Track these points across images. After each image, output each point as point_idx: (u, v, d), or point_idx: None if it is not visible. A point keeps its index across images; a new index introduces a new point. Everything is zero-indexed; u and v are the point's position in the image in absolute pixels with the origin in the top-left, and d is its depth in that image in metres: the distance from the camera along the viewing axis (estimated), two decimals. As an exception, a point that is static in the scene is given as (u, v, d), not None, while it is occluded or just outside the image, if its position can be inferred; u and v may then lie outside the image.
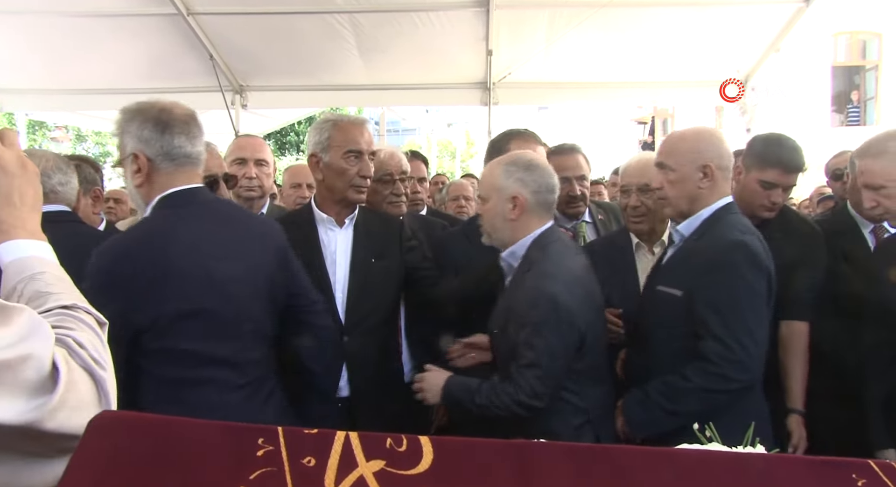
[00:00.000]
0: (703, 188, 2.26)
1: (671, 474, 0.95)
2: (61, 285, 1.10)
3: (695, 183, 2.25)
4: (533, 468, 0.93)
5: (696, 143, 2.29)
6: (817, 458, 0.97)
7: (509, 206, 2.28)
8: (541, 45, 6.19)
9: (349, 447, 0.91)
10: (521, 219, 2.28)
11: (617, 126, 22.44)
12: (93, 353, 1.00)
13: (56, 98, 7.19)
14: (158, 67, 6.58)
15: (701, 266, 2.18)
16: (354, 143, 2.51)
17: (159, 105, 1.96)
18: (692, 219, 2.29)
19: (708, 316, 2.11)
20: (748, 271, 2.10)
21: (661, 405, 2.16)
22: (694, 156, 2.26)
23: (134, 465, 0.86)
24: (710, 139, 2.29)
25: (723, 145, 2.29)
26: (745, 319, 2.09)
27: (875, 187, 2.29)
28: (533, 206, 2.28)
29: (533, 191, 2.28)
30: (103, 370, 1.00)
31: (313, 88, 7.05)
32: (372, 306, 2.52)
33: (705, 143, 2.28)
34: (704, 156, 2.25)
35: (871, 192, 2.30)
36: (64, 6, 5.68)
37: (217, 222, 2.00)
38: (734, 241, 2.15)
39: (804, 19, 5.89)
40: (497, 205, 2.30)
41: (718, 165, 2.25)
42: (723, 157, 2.27)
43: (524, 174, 2.28)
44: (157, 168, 1.93)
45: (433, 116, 24.35)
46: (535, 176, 2.29)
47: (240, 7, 5.81)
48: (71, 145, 21.17)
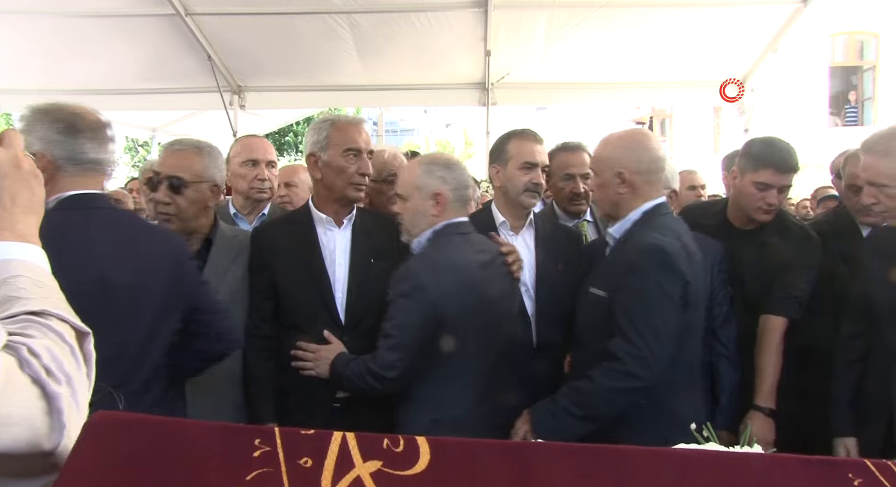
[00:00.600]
0: (621, 193, 2.31)
1: (670, 474, 0.95)
2: (37, 291, 1.03)
3: (613, 189, 2.32)
4: (532, 468, 0.93)
5: (615, 149, 2.35)
6: (814, 457, 0.97)
7: (431, 203, 2.36)
8: (539, 45, 6.19)
9: (346, 447, 0.91)
10: (443, 215, 2.37)
11: (615, 126, 22.44)
12: (47, 363, 0.91)
13: (54, 98, 7.11)
14: (157, 68, 6.58)
15: (619, 268, 2.25)
16: (353, 142, 2.52)
17: (70, 108, 1.96)
18: (622, 222, 2.35)
19: (619, 316, 2.17)
20: (659, 273, 2.15)
21: (570, 411, 2.19)
22: (611, 162, 2.33)
23: (131, 466, 0.86)
24: (630, 145, 2.33)
25: (643, 151, 2.31)
26: (652, 319, 2.13)
27: (878, 185, 2.27)
28: (452, 202, 2.38)
29: (453, 188, 2.37)
30: (58, 384, 0.90)
31: (311, 88, 7.05)
32: (371, 306, 2.51)
33: (623, 149, 2.33)
34: (620, 163, 2.30)
35: (874, 189, 2.30)
36: (62, 7, 5.68)
37: (112, 228, 1.97)
38: (648, 244, 2.19)
39: (802, 20, 5.90)
40: (418, 203, 2.38)
41: (636, 170, 2.28)
42: (641, 162, 2.29)
43: (444, 172, 2.38)
44: (60, 170, 1.91)
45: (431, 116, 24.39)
46: (455, 174, 2.39)
47: (238, 7, 5.81)
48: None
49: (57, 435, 0.87)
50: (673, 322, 2.16)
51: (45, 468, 0.88)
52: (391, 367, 2.19)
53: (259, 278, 2.51)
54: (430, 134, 26.60)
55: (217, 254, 2.50)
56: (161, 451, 0.87)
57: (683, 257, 2.19)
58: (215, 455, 0.88)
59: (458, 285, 2.26)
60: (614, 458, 0.99)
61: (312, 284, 2.47)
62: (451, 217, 2.39)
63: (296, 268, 2.48)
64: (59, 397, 0.89)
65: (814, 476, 0.93)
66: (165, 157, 2.49)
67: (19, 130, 1.90)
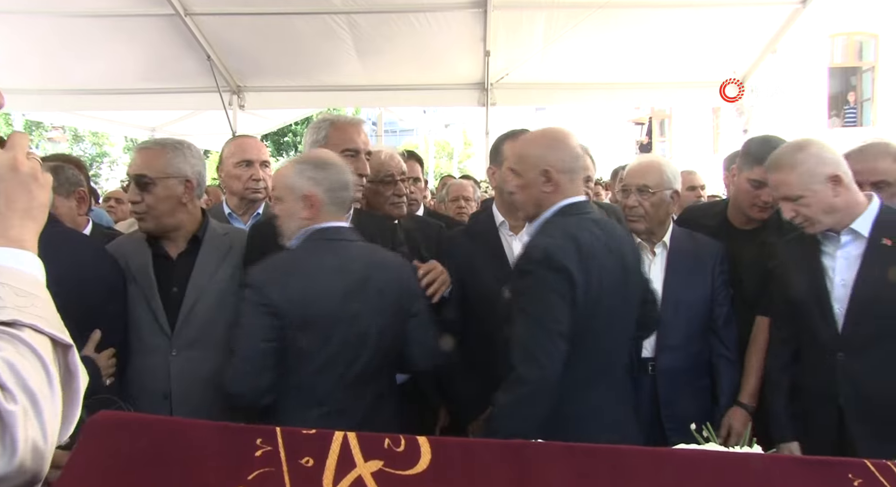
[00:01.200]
0: (546, 192, 2.26)
1: (669, 474, 0.96)
2: (15, 300, 0.96)
3: (539, 188, 2.26)
4: (531, 468, 0.93)
5: (539, 148, 2.30)
6: (814, 458, 0.97)
7: (301, 205, 2.24)
8: (538, 46, 6.19)
9: (347, 447, 0.91)
10: (317, 218, 2.25)
11: (614, 127, 22.44)
12: (3, 379, 0.84)
13: (53, 98, 7.18)
14: (156, 68, 6.58)
15: (515, 272, 2.23)
16: (351, 142, 2.52)
17: None
18: (537, 222, 2.32)
19: (514, 322, 2.13)
20: (544, 273, 2.10)
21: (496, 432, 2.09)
22: (536, 161, 2.27)
23: (133, 465, 0.86)
24: (553, 143, 2.30)
25: (566, 148, 2.29)
26: (542, 319, 2.08)
27: (793, 198, 2.36)
28: (327, 204, 2.25)
29: (326, 189, 2.24)
30: (12, 403, 0.83)
31: (311, 88, 7.05)
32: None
33: (546, 147, 2.29)
34: (546, 160, 2.25)
35: (791, 203, 2.37)
36: (62, 7, 5.67)
37: None
38: (532, 247, 2.18)
39: (801, 20, 5.90)
40: (290, 204, 2.27)
41: (561, 168, 2.25)
42: (565, 159, 2.27)
43: (315, 172, 2.24)
44: None
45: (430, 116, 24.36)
46: (328, 174, 2.25)
47: (237, 8, 5.81)
48: (68, 146, 21.15)
49: (7, 458, 0.81)
50: (566, 321, 2.09)
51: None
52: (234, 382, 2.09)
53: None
54: (429, 134, 26.58)
55: (206, 252, 2.49)
56: (162, 451, 0.88)
57: (574, 257, 2.11)
58: (216, 454, 0.88)
59: (304, 293, 2.13)
60: (613, 458, 0.99)
61: None
62: (327, 221, 2.26)
63: None
64: (12, 416, 0.82)
65: (814, 477, 0.93)
66: (133, 157, 2.50)
67: None
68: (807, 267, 2.46)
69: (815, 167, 2.33)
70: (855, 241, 2.38)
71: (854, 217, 2.36)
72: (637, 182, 2.77)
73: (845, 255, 2.39)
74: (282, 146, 20.75)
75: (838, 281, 2.39)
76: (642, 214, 2.76)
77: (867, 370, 2.31)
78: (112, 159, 22.71)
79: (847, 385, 2.34)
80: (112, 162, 22.70)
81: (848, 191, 2.35)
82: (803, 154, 2.36)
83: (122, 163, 22.28)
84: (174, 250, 2.46)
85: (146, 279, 2.38)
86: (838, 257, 2.40)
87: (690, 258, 2.79)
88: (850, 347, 2.34)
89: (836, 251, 2.41)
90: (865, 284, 2.32)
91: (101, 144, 22.19)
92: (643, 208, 2.75)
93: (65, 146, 20.70)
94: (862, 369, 2.32)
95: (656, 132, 22.97)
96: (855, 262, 2.36)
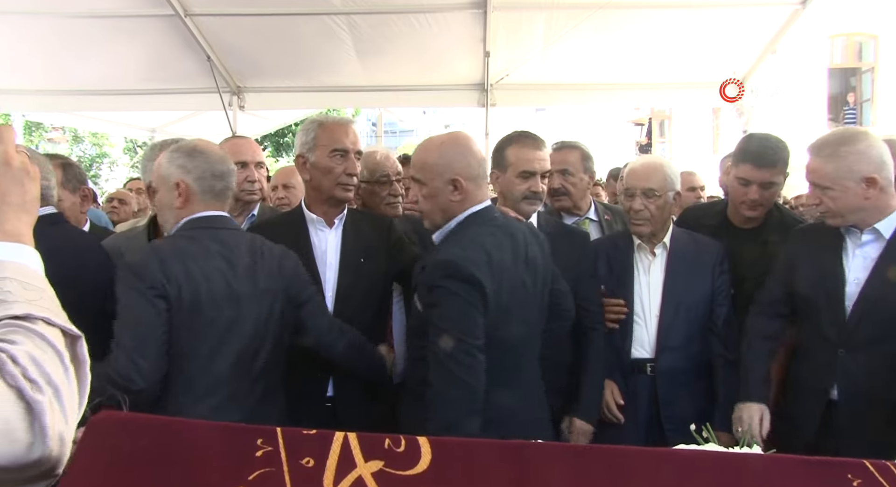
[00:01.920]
0: (454, 201, 2.20)
1: (669, 474, 0.96)
2: (24, 294, 0.99)
3: (446, 196, 2.20)
4: (531, 468, 0.94)
5: (443, 156, 2.22)
6: (813, 458, 0.97)
7: (174, 194, 2.18)
8: (538, 46, 6.20)
9: (348, 447, 0.91)
10: (188, 207, 2.19)
11: (614, 128, 22.47)
12: (29, 371, 0.87)
13: (53, 99, 7.18)
14: (156, 69, 6.58)
15: (423, 288, 2.14)
16: (339, 142, 2.53)
17: None
18: (442, 230, 2.26)
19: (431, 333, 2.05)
20: (457, 285, 2.03)
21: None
22: (442, 169, 2.20)
23: (134, 465, 0.86)
24: (457, 150, 2.22)
25: (471, 154, 2.24)
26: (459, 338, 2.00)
27: (822, 187, 2.35)
28: (198, 193, 2.19)
29: (196, 177, 2.18)
30: (39, 393, 0.86)
31: (311, 89, 7.05)
32: (360, 306, 2.54)
33: (452, 154, 2.22)
34: (453, 169, 2.19)
35: (819, 190, 2.36)
36: (62, 7, 5.68)
37: None
38: (439, 261, 2.10)
39: (800, 21, 5.91)
40: (164, 195, 2.22)
41: (468, 175, 2.19)
42: (472, 166, 2.21)
43: (186, 160, 2.19)
44: None
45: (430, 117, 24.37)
46: (198, 162, 2.19)
47: (237, 8, 5.81)
48: (68, 146, 21.14)
49: (39, 446, 0.84)
50: (481, 333, 2.03)
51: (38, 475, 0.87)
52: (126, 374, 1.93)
53: None
54: (429, 135, 26.59)
55: None
56: (163, 450, 0.88)
57: (484, 267, 2.06)
58: (217, 454, 0.88)
59: (188, 275, 2.06)
60: (613, 458, 0.99)
61: None
62: (201, 210, 2.19)
63: None
64: (41, 406, 0.86)
65: (813, 477, 0.93)
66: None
67: None
68: (823, 260, 2.45)
69: (854, 164, 2.29)
70: (876, 241, 2.37)
71: (880, 218, 2.34)
72: (642, 185, 2.75)
73: (864, 254, 2.38)
74: (281, 147, 20.75)
75: (851, 279, 2.38)
76: (648, 217, 2.76)
77: (866, 369, 2.33)
78: (112, 160, 22.71)
79: (844, 381, 2.36)
80: (112, 163, 22.70)
81: (882, 194, 2.31)
82: (848, 148, 2.31)
83: (122, 164, 22.28)
84: None
85: None
86: (856, 254, 2.40)
87: (690, 259, 2.80)
88: (852, 344, 2.35)
89: (855, 249, 2.40)
90: (876, 284, 2.32)
91: (101, 145, 22.18)
92: (649, 211, 2.75)
93: (65, 147, 20.70)
94: (861, 367, 2.33)
95: (656, 133, 22.98)
96: (871, 262, 2.36)
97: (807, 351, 2.53)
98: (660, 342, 2.72)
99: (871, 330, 2.32)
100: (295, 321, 2.29)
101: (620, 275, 2.81)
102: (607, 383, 2.74)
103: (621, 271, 2.81)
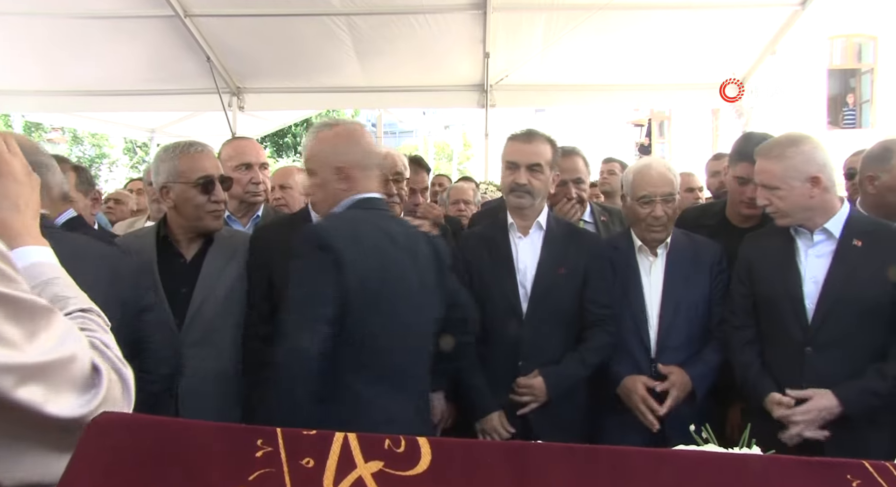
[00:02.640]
0: (341, 189, 2.23)
1: (669, 475, 0.96)
2: (73, 290, 1.13)
3: (333, 185, 2.24)
4: (531, 468, 0.94)
5: (330, 145, 2.27)
6: (813, 459, 0.97)
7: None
8: (538, 47, 6.20)
9: (348, 448, 0.91)
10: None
11: (613, 128, 22.47)
12: (116, 353, 1.05)
13: (53, 100, 7.18)
14: (156, 69, 6.59)
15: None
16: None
17: None
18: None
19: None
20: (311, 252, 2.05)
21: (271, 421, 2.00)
22: (328, 159, 2.25)
23: (133, 466, 0.86)
24: (344, 140, 2.27)
25: (359, 145, 2.27)
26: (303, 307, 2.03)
27: (771, 187, 2.44)
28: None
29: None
30: (127, 369, 1.05)
31: (310, 90, 7.06)
32: None
33: (339, 144, 2.26)
34: (338, 158, 2.23)
35: (767, 191, 2.45)
36: (61, 8, 5.68)
37: None
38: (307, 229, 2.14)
39: (800, 22, 5.92)
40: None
41: (354, 164, 2.23)
42: (357, 155, 2.25)
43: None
44: None
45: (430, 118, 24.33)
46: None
47: (237, 9, 5.81)
48: (67, 147, 21.13)
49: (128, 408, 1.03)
50: (330, 304, 2.01)
51: None
52: None
53: (258, 278, 2.52)
54: (428, 136, 26.56)
55: (214, 254, 2.52)
56: (163, 451, 0.88)
57: (346, 239, 2.06)
58: (217, 455, 0.88)
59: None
60: (613, 459, 0.99)
61: None
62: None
63: None
64: (130, 380, 1.05)
65: (812, 477, 0.93)
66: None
67: None
68: (781, 263, 2.51)
69: (800, 164, 2.41)
70: (827, 240, 2.46)
71: (827, 218, 2.44)
72: (663, 191, 2.73)
73: (817, 253, 2.47)
74: (281, 148, 20.75)
75: (809, 278, 2.45)
76: (666, 222, 2.76)
77: (833, 365, 2.38)
78: (112, 161, 22.69)
79: (812, 379, 2.39)
80: (112, 163, 22.69)
81: (825, 193, 2.42)
82: (795, 149, 2.42)
83: (121, 164, 22.26)
84: (189, 251, 2.49)
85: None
86: (810, 255, 2.47)
87: (690, 259, 2.80)
88: (818, 342, 2.40)
89: (809, 250, 2.48)
90: (835, 282, 2.40)
91: (101, 146, 22.16)
92: (667, 216, 2.75)
93: (64, 148, 20.68)
94: (828, 363, 2.38)
95: (655, 134, 22.98)
96: (826, 261, 2.44)
97: (773, 351, 2.55)
98: (660, 342, 2.73)
99: (836, 328, 2.38)
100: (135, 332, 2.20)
101: (624, 277, 2.80)
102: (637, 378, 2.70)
103: (625, 273, 2.81)
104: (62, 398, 0.92)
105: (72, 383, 0.94)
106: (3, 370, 0.85)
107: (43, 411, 0.89)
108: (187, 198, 2.45)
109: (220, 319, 2.44)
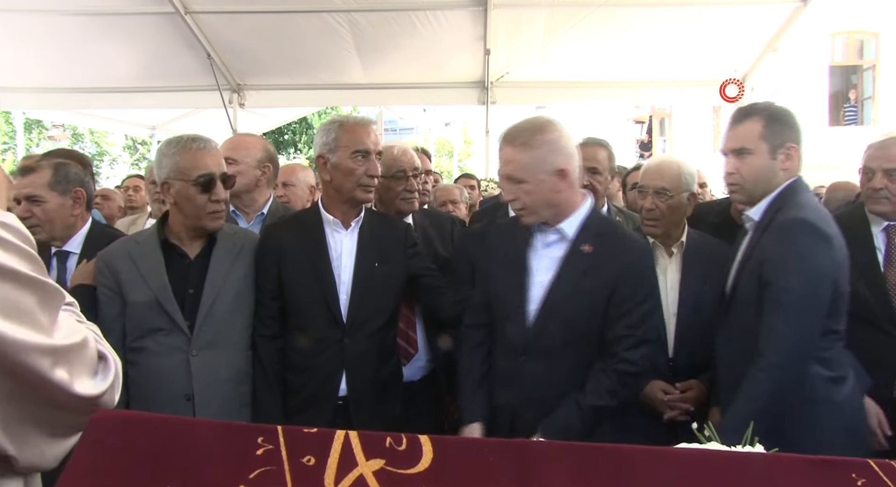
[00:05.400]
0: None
1: (671, 473, 0.95)
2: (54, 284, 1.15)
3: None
4: (532, 467, 0.93)
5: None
6: (817, 457, 0.97)
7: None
8: (538, 44, 6.20)
9: (349, 446, 0.91)
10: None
11: (614, 126, 22.44)
12: (105, 343, 1.10)
13: (53, 97, 7.18)
14: (156, 66, 6.58)
15: None
16: (361, 143, 2.50)
17: None
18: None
19: None
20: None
21: None
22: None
23: (134, 464, 0.86)
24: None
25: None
26: None
27: (518, 181, 2.17)
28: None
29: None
30: (117, 358, 1.11)
31: (311, 87, 7.06)
32: (373, 309, 2.52)
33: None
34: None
35: (513, 185, 2.18)
36: (63, 5, 5.68)
37: None
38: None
39: (801, 19, 5.91)
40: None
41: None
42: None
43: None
44: None
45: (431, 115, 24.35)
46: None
47: (238, 6, 5.81)
48: (68, 144, 21.12)
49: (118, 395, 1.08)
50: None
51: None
52: None
53: (266, 277, 2.51)
54: (429, 133, 26.59)
55: (219, 253, 2.49)
56: (164, 449, 0.87)
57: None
58: (218, 453, 0.88)
59: None
60: (614, 457, 0.99)
61: (317, 284, 2.46)
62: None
63: (302, 268, 2.47)
64: (119, 367, 1.10)
65: (816, 476, 0.93)
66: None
67: None
68: (512, 260, 2.30)
69: (548, 155, 2.16)
70: (560, 242, 2.26)
71: (566, 216, 2.23)
72: (655, 184, 2.72)
73: (549, 254, 2.26)
74: (281, 144, 20.74)
75: (536, 280, 2.24)
76: (658, 217, 2.74)
77: (544, 375, 2.19)
78: (112, 158, 22.69)
79: (524, 389, 2.20)
80: (112, 160, 22.69)
81: (570, 188, 2.21)
82: (542, 137, 2.17)
83: (122, 161, 22.27)
84: (192, 250, 2.47)
85: (158, 281, 2.37)
86: (543, 255, 2.27)
87: (706, 258, 2.77)
88: (534, 350, 2.21)
89: (542, 250, 2.27)
90: (558, 288, 2.20)
91: (101, 143, 22.16)
92: (660, 210, 2.73)
93: (65, 145, 20.65)
94: (540, 373, 2.19)
95: (656, 131, 22.95)
96: (555, 264, 2.24)
97: (496, 359, 2.33)
98: (678, 341, 2.71)
99: (552, 334, 2.18)
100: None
101: None
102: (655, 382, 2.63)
103: None
104: (83, 378, 0.99)
105: (87, 365, 1.02)
106: (42, 352, 0.92)
107: (71, 390, 0.96)
108: (187, 196, 2.40)
109: (232, 319, 2.41)
